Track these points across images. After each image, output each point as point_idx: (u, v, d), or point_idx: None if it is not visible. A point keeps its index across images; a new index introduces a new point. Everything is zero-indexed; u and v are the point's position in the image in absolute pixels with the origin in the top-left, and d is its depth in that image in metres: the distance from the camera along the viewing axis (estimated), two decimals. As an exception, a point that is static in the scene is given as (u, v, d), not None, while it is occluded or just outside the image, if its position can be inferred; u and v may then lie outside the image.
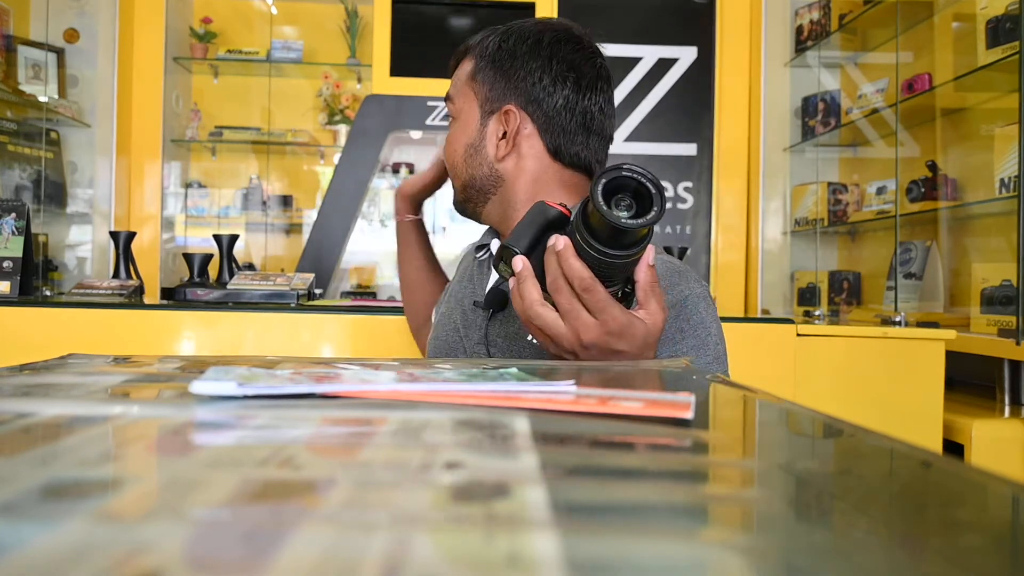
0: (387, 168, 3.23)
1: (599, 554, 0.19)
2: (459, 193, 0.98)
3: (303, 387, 0.41)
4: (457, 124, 0.97)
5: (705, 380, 0.55)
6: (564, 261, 0.61)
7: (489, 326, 0.90)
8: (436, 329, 1.02)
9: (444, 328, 0.99)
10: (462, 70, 0.98)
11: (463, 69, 0.98)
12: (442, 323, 1.01)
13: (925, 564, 0.20)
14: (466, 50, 0.99)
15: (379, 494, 0.23)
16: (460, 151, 0.96)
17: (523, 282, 0.65)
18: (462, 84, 0.97)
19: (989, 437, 1.62)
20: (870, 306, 2.58)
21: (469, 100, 0.96)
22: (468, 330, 0.94)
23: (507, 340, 0.89)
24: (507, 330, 0.89)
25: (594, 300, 0.62)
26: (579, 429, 0.35)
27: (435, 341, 1.01)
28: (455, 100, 0.98)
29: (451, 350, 0.96)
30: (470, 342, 0.93)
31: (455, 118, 0.97)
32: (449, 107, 0.99)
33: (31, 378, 0.48)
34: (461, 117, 0.96)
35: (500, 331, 0.89)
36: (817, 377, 1.64)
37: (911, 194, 2.28)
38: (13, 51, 2.75)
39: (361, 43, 3.17)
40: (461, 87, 0.97)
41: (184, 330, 1.66)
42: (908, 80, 2.27)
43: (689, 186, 2.83)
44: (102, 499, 0.23)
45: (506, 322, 0.90)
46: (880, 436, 0.33)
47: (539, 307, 0.65)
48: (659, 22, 2.83)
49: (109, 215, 2.83)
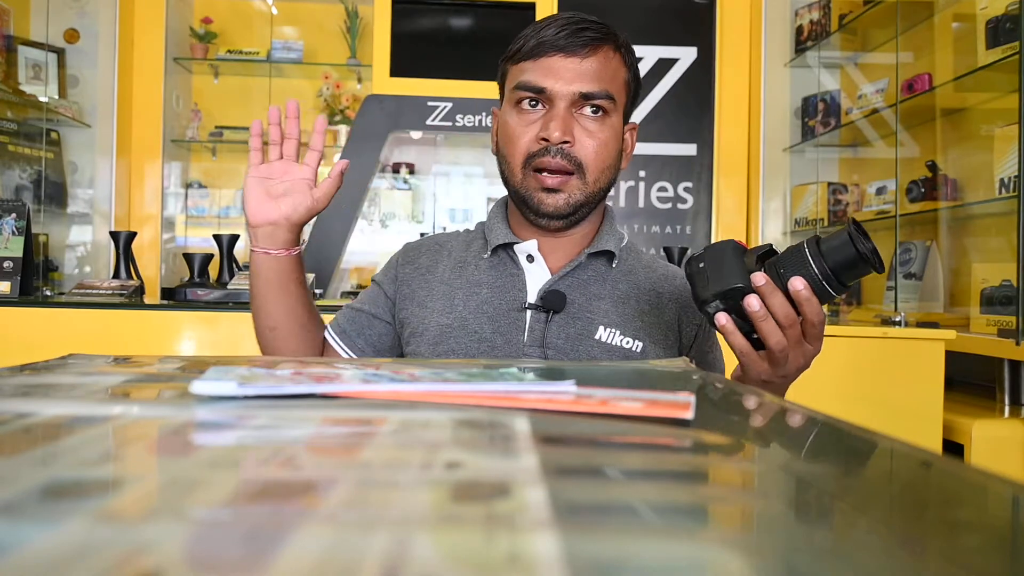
0: (387, 168, 3.23)
1: (599, 554, 0.19)
2: (588, 195, 0.89)
3: (303, 387, 0.41)
4: (609, 123, 0.88)
5: (705, 380, 0.55)
6: (810, 301, 0.70)
7: (547, 328, 0.88)
8: (440, 342, 0.90)
9: (458, 340, 0.89)
10: (618, 67, 0.89)
11: (619, 66, 0.89)
12: (451, 335, 0.89)
13: (925, 564, 0.20)
14: (616, 42, 0.89)
15: (379, 494, 0.23)
16: (613, 154, 0.90)
17: (732, 335, 0.74)
18: (621, 84, 0.89)
19: (989, 437, 1.62)
20: (870, 306, 2.58)
21: (620, 103, 0.89)
22: (511, 334, 0.88)
23: (569, 341, 0.87)
24: (567, 331, 0.88)
25: (820, 331, 0.73)
26: (579, 429, 0.35)
27: (448, 355, 0.89)
28: (616, 97, 0.88)
29: None
30: (514, 346, 0.87)
31: (607, 114, 0.87)
32: (604, 104, 0.87)
33: (31, 378, 0.48)
34: (614, 117, 0.88)
35: (560, 333, 0.87)
36: (817, 377, 1.64)
37: (911, 194, 2.28)
38: (13, 51, 2.75)
39: (361, 43, 3.17)
40: (620, 87, 0.89)
41: (184, 330, 1.66)
42: (908, 80, 2.27)
43: (689, 186, 2.83)
44: (102, 499, 0.23)
45: (566, 323, 0.88)
46: (880, 436, 0.33)
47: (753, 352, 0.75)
48: (659, 22, 2.83)
49: (109, 215, 2.83)
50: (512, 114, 0.89)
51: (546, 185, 0.87)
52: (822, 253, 0.69)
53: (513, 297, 0.90)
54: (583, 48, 0.86)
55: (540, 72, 0.86)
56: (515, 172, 0.89)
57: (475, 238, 0.99)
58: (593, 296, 0.91)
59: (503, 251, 0.94)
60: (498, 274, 0.92)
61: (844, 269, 0.69)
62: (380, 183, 3.22)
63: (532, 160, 0.87)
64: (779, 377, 0.75)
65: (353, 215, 2.72)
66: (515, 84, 0.88)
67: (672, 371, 0.61)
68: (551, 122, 0.85)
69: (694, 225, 2.83)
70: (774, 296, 0.70)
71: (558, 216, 0.89)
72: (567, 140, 0.85)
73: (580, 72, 0.85)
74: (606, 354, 0.87)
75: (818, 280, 0.69)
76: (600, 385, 0.44)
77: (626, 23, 2.84)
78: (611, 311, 0.90)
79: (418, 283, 0.96)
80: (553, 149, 0.85)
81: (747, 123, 2.84)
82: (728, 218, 2.84)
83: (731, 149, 2.83)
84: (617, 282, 0.93)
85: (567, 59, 0.86)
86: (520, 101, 0.88)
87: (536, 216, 0.90)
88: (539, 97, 0.87)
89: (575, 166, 0.86)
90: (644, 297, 0.93)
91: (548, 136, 0.85)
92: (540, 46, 0.86)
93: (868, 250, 0.69)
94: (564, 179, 0.87)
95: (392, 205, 3.24)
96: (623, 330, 0.89)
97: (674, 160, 2.82)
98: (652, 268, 0.97)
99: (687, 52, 2.83)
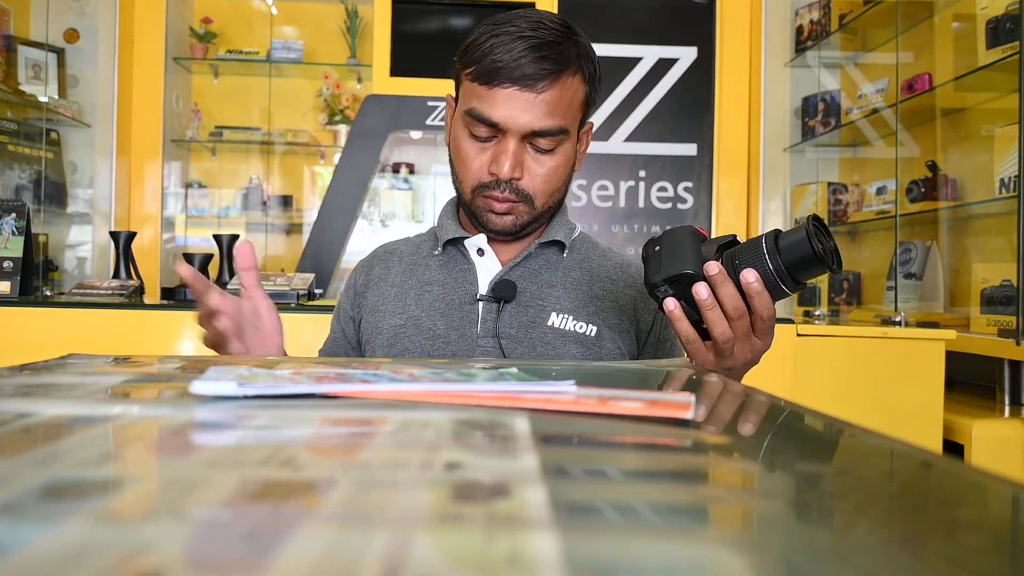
0: (387, 168, 3.23)
1: (599, 554, 0.19)
2: (536, 216, 0.89)
3: (303, 387, 0.41)
4: (561, 151, 0.86)
5: (705, 380, 0.55)
6: (760, 296, 0.68)
7: (499, 318, 0.89)
8: (394, 343, 0.91)
9: (411, 338, 0.90)
10: (577, 89, 0.85)
11: (577, 87, 0.85)
12: (405, 334, 0.90)
13: (925, 564, 0.20)
14: (576, 65, 0.84)
15: (379, 494, 0.23)
16: (564, 176, 0.89)
17: (679, 321, 0.72)
18: (578, 107, 0.87)
19: (989, 437, 1.62)
20: (870, 306, 2.58)
21: (574, 129, 0.88)
22: (464, 327, 0.89)
23: (522, 330, 0.88)
24: (520, 320, 0.89)
25: (770, 326, 0.71)
26: (579, 429, 0.35)
27: (403, 355, 0.90)
28: (570, 127, 0.86)
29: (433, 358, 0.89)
30: (468, 339, 0.89)
31: (560, 144, 0.86)
32: (556, 141, 0.85)
33: (31, 378, 0.48)
34: (567, 145, 0.87)
35: (512, 322, 0.89)
36: (817, 377, 1.64)
37: (911, 194, 2.28)
38: (13, 51, 2.75)
39: (361, 43, 3.17)
40: (576, 111, 0.87)
41: (184, 330, 1.66)
42: (908, 80, 2.27)
43: (689, 186, 2.83)
44: (102, 499, 0.23)
45: (518, 312, 0.89)
46: (880, 436, 0.33)
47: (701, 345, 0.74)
48: (659, 22, 2.83)
49: (109, 215, 2.83)
50: (464, 133, 0.87)
51: (494, 210, 0.88)
52: (779, 249, 0.68)
53: (465, 291, 0.91)
54: (540, 82, 0.81)
55: (493, 104, 0.82)
56: (465, 191, 0.89)
57: (425, 239, 1.01)
58: (544, 284, 0.92)
59: (453, 247, 0.95)
60: (449, 271, 0.94)
61: (799, 267, 0.67)
62: (380, 183, 3.22)
63: (482, 189, 0.87)
64: (724, 369, 0.74)
65: (353, 215, 2.72)
66: (467, 108, 0.85)
67: (672, 371, 0.61)
68: (501, 155, 0.84)
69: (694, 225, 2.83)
70: (724, 286, 0.69)
71: (506, 234, 0.90)
72: (516, 176, 0.85)
73: (534, 106, 0.82)
74: (560, 340, 0.88)
75: (771, 275, 0.68)
76: (600, 385, 0.44)
77: (626, 23, 2.86)
78: (563, 297, 0.91)
79: (372, 292, 0.97)
80: (502, 184, 0.85)
81: (747, 123, 2.84)
82: (728, 218, 2.84)
83: (731, 149, 2.83)
84: (569, 269, 0.94)
85: (522, 92, 0.81)
86: (472, 128, 0.86)
87: (485, 231, 0.91)
88: (489, 130, 0.84)
89: (522, 197, 0.87)
90: (598, 283, 0.93)
91: (497, 172, 0.84)
92: (496, 73, 0.81)
93: (827, 248, 0.67)
94: (512, 205, 0.87)
95: (392, 205, 3.24)
96: (576, 315, 0.90)
97: (674, 160, 2.82)
98: (607, 257, 0.98)
99: (687, 52, 2.83)
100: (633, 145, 2.81)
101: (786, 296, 0.70)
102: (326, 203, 2.72)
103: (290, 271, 2.57)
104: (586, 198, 2.82)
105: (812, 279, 0.70)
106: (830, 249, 0.68)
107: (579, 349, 0.88)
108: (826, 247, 0.68)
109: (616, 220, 2.82)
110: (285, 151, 3.32)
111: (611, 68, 2.80)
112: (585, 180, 2.82)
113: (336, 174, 2.73)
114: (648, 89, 2.81)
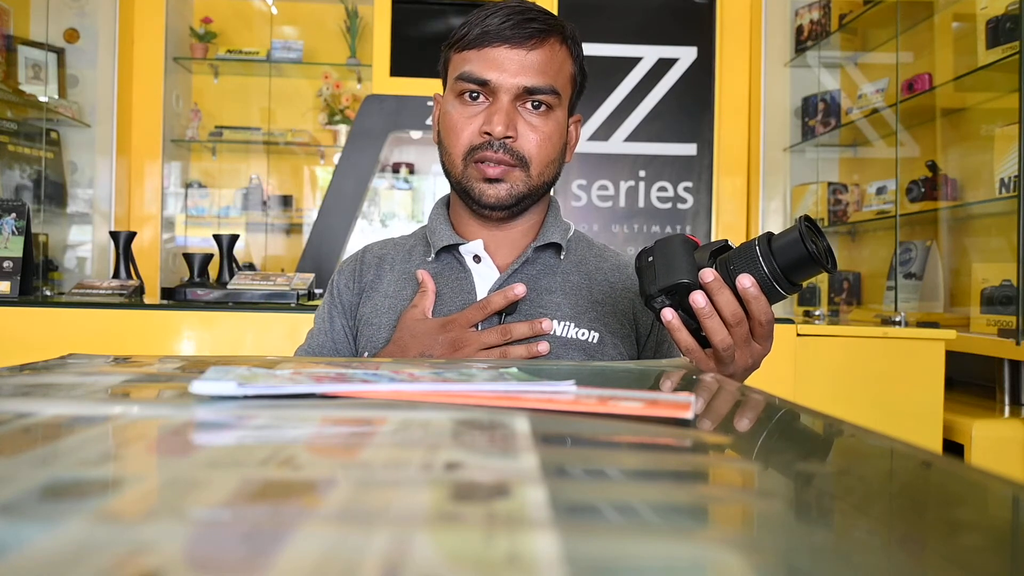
0: (387, 168, 3.23)
1: (599, 554, 0.19)
2: (532, 188, 0.88)
3: (303, 387, 0.41)
4: (554, 117, 0.87)
5: (705, 380, 0.55)
6: (758, 300, 0.68)
7: None
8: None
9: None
10: (564, 60, 0.87)
11: (565, 59, 0.87)
12: None
13: (925, 564, 0.20)
14: (563, 34, 0.87)
15: (379, 494, 0.23)
16: (557, 148, 0.88)
17: (678, 331, 0.71)
18: (567, 78, 0.88)
19: (989, 437, 1.62)
20: (870, 306, 2.58)
21: (565, 97, 0.88)
22: None
23: (523, 340, 0.86)
24: None
25: (769, 330, 0.71)
26: (579, 429, 0.35)
27: None
28: (561, 92, 0.86)
29: None
30: None
31: (551, 109, 0.86)
32: (548, 99, 0.85)
33: (31, 378, 0.48)
34: (558, 112, 0.87)
35: None
36: (817, 377, 1.64)
37: (911, 194, 2.28)
38: (13, 51, 2.75)
39: (361, 43, 3.17)
40: (566, 81, 0.88)
41: (184, 330, 1.66)
42: (908, 80, 2.27)
43: (689, 186, 2.83)
44: (102, 499, 0.23)
45: (519, 322, 0.87)
46: (880, 436, 0.33)
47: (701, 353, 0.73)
48: (659, 22, 2.83)
49: (109, 215, 2.83)
50: (455, 105, 0.87)
51: (488, 175, 0.85)
52: (772, 252, 0.67)
53: (462, 301, 0.88)
54: (529, 40, 0.83)
55: (484, 63, 0.84)
56: (456, 164, 0.87)
57: (416, 244, 0.97)
58: (544, 291, 0.89)
59: (448, 253, 0.92)
60: (445, 279, 0.90)
61: (794, 268, 0.67)
62: (380, 183, 3.22)
63: (474, 153, 0.85)
64: (726, 376, 0.74)
65: (353, 215, 2.72)
66: (458, 74, 0.86)
67: (671, 371, 0.61)
68: (494, 115, 0.84)
69: (694, 225, 2.83)
70: (721, 293, 0.68)
71: (500, 207, 0.87)
72: (510, 135, 0.84)
73: (525, 65, 0.83)
74: (562, 348, 0.86)
75: (767, 279, 0.67)
76: (600, 385, 0.44)
77: (626, 23, 2.86)
78: (563, 304, 0.89)
79: (365, 303, 0.94)
80: (496, 143, 0.84)
81: (747, 123, 2.84)
82: (728, 218, 2.85)
83: (731, 149, 2.83)
84: (568, 274, 0.92)
85: (512, 50, 0.83)
86: (463, 93, 0.86)
87: (478, 207, 0.88)
88: (482, 89, 0.85)
89: (518, 160, 0.86)
90: (597, 287, 0.92)
91: (491, 130, 0.84)
92: (484, 36, 0.84)
93: (820, 249, 0.67)
94: (506, 170, 0.86)
95: (392, 205, 3.24)
96: (577, 322, 0.88)
97: (674, 160, 2.82)
98: (603, 258, 0.96)
99: (687, 52, 2.83)
100: (633, 145, 2.81)
101: (783, 299, 0.70)
102: (326, 203, 2.72)
103: (290, 271, 2.57)
104: (586, 198, 2.82)
105: (807, 280, 0.70)
106: (823, 249, 0.68)
107: (582, 357, 0.87)
108: (819, 247, 0.67)
109: (616, 220, 2.82)
110: (285, 151, 3.32)
111: (611, 68, 2.80)
112: (585, 180, 2.82)
113: (336, 174, 2.73)
114: (648, 89, 2.81)
